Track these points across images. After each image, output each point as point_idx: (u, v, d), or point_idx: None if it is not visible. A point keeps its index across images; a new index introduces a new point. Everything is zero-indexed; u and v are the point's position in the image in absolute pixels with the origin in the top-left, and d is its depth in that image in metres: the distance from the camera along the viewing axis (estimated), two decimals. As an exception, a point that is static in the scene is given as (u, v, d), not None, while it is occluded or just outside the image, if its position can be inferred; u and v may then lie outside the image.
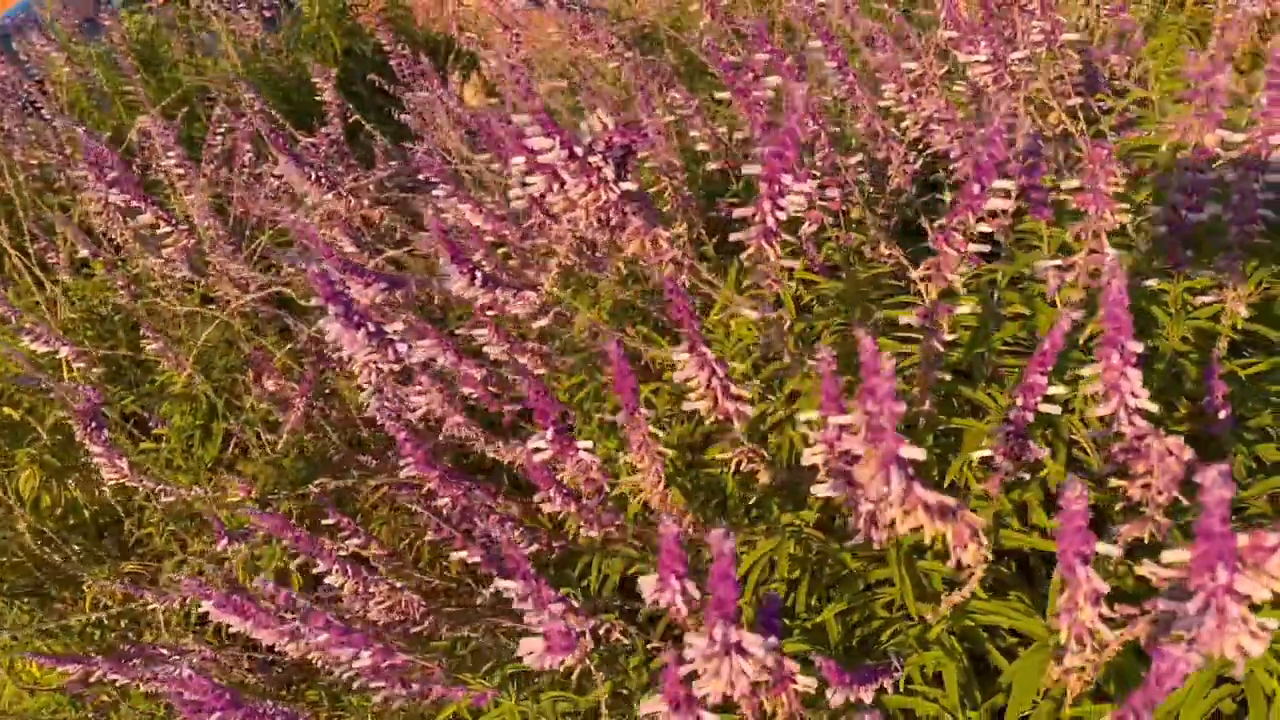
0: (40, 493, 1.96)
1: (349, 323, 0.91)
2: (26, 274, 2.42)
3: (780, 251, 0.87)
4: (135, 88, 2.66)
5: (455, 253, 1.01)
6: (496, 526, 1.25)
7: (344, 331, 0.90)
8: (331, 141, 2.23)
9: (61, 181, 2.48)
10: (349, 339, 0.91)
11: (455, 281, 1.03)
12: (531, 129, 0.95)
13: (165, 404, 2.08)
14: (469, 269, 1.03)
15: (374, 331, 0.92)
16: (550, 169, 1.01)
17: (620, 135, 0.97)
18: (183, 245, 1.34)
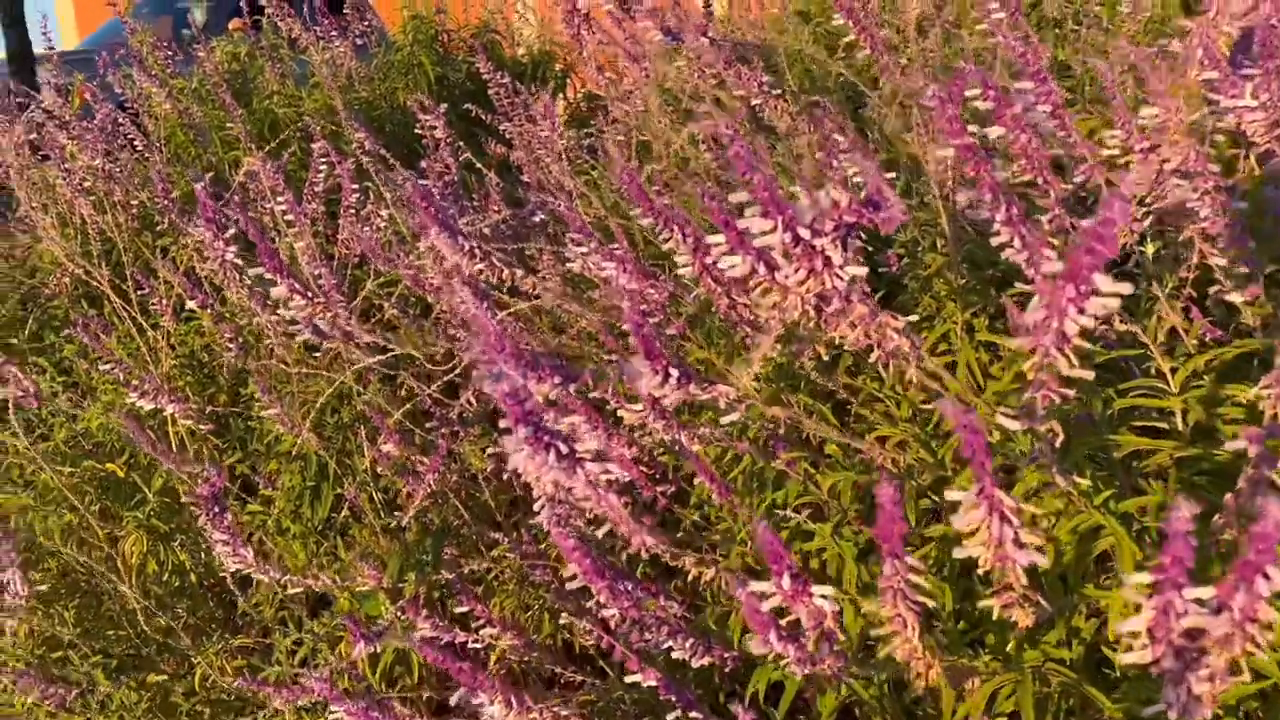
0: (146, 558, 1.86)
1: (539, 445, 0.76)
2: (127, 318, 2.34)
3: (1074, 360, 0.71)
4: (238, 123, 2.59)
5: (650, 348, 0.87)
6: (673, 640, 1.10)
7: (533, 457, 0.76)
8: (446, 184, 2.12)
9: (163, 223, 2.41)
10: (538, 464, 0.77)
11: (645, 379, 0.88)
12: (752, 210, 0.80)
13: (272, 462, 1.97)
14: (663, 365, 0.88)
15: (565, 453, 0.78)
16: (758, 251, 0.86)
17: (853, 213, 0.82)
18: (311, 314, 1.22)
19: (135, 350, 2.34)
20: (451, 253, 1.17)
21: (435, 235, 1.16)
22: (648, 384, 0.88)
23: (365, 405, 1.81)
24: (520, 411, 0.75)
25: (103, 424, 2.20)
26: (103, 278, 2.23)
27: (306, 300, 1.16)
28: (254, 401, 2.19)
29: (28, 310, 2.53)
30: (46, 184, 2.59)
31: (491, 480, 1.71)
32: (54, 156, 2.20)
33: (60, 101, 2.51)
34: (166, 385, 1.97)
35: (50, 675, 1.66)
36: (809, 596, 0.77)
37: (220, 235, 1.47)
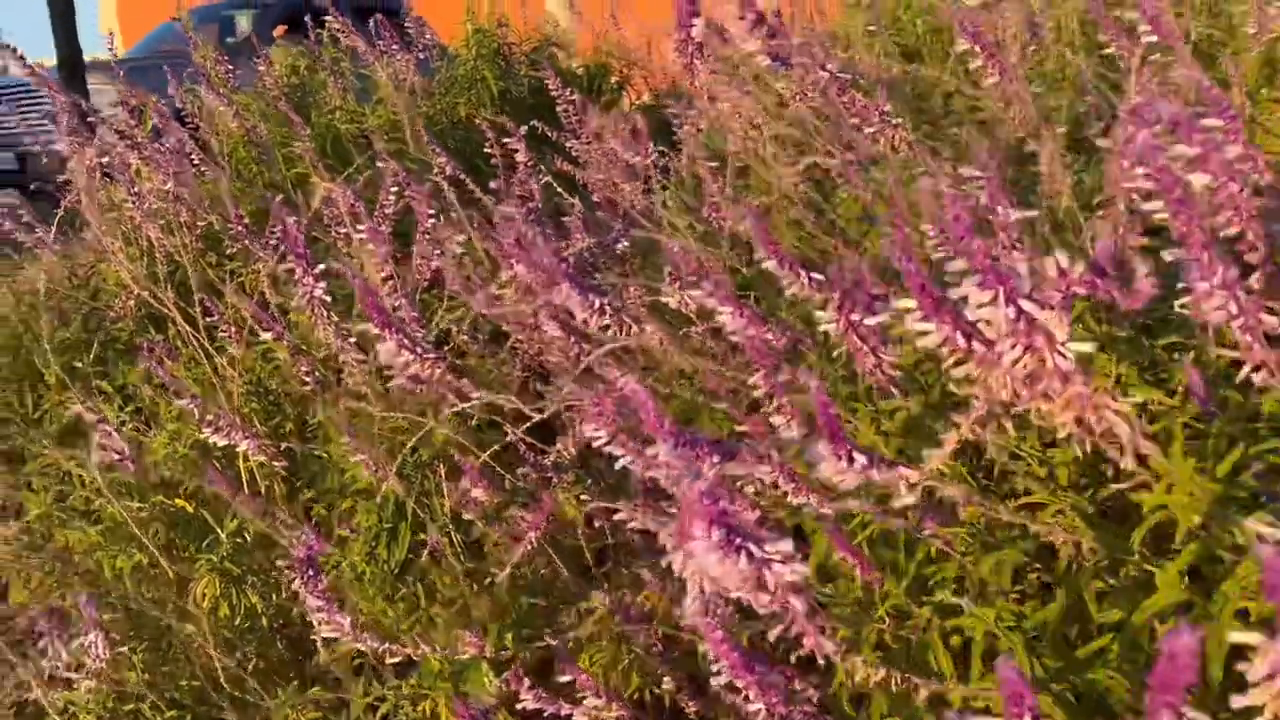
0: (219, 601, 1.78)
1: (730, 548, 0.66)
2: (193, 343, 2.27)
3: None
4: (304, 142, 2.51)
5: (834, 431, 0.76)
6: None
7: (723, 561, 0.66)
8: (530, 210, 2.03)
9: (233, 247, 2.34)
10: (728, 567, 0.67)
11: (827, 464, 0.78)
12: (969, 280, 0.70)
13: (346, 500, 1.88)
14: (846, 450, 0.78)
15: (758, 556, 0.68)
16: (955, 319, 0.75)
17: (1085, 284, 0.71)
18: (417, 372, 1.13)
19: (201, 376, 2.27)
20: (581, 310, 1.07)
21: (565, 293, 1.06)
22: (831, 469, 0.78)
23: (449, 445, 1.72)
24: (715, 512, 0.65)
25: (169, 454, 2.13)
26: (169, 301, 2.16)
27: (415, 357, 1.07)
28: (320, 429, 2.11)
29: (91, 333, 2.47)
30: (112, 204, 2.54)
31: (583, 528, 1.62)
32: (122, 178, 2.14)
33: (133, 122, 2.46)
34: (239, 418, 1.90)
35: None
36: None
37: (310, 270, 1.39)
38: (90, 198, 2.06)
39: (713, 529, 0.65)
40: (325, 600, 1.17)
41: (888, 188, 1.38)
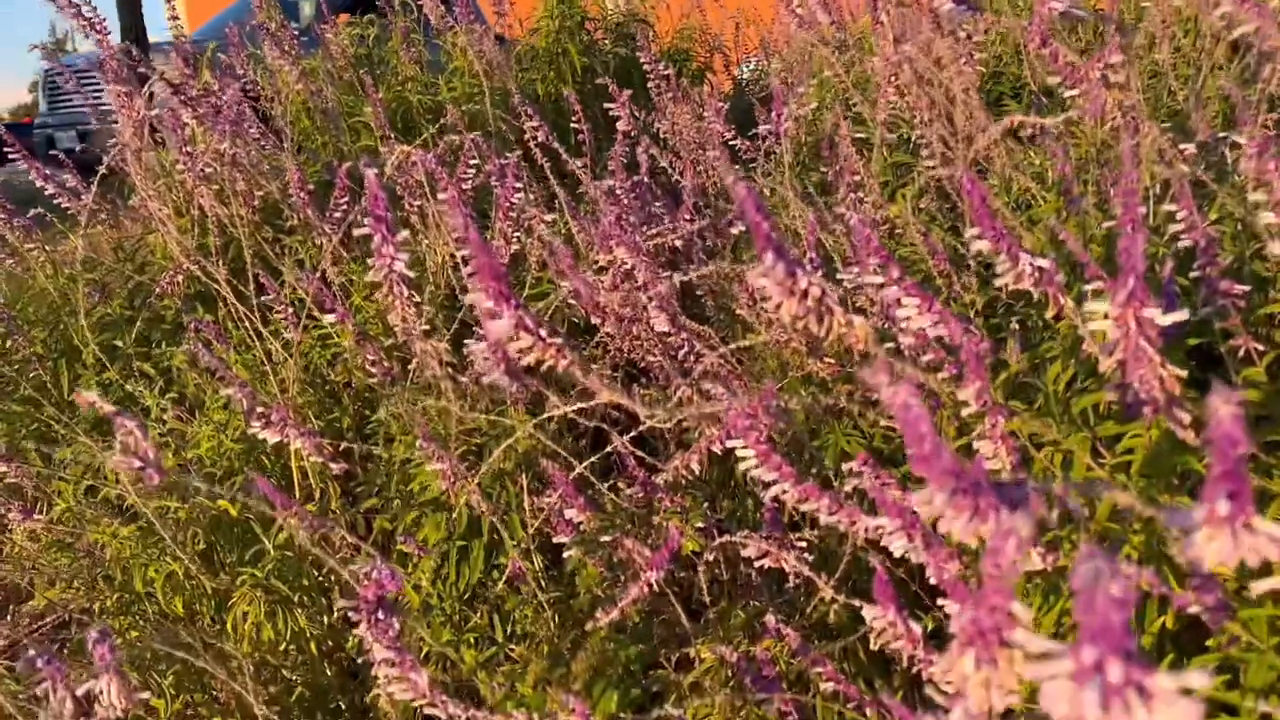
0: (262, 623, 1.53)
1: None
2: (244, 325, 2.03)
3: None
4: (376, 108, 2.27)
5: (1239, 487, 0.49)
6: None
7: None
8: (633, 185, 1.77)
9: (293, 219, 2.10)
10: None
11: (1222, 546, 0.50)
12: None
13: (411, 512, 1.63)
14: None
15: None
16: None
17: None
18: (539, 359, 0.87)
19: (252, 362, 2.03)
20: (780, 290, 0.79)
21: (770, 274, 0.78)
22: (1220, 551, 0.50)
23: (535, 452, 1.46)
24: (1119, 636, 0.37)
25: (212, 448, 1.90)
26: (220, 276, 1.92)
27: (537, 340, 0.80)
28: (381, 427, 1.87)
29: (135, 309, 2.25)
30: (163, 169, 2.31)
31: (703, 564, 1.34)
32: (175, 138, 1.91)
33: (187, 73, 2.23)
34: (292, 412, 1.65)
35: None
36: None
37: (390, 238, 1.13)
38: (137, 159, 1.83)
39: (1111, 662, 0.38)
40: (398, 652, 0.91)
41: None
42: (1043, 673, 0.44)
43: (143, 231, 2.45)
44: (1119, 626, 0.38)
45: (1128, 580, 0.37)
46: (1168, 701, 0.43)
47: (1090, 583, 0.37)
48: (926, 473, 0.53)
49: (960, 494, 0.55)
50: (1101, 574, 0.37)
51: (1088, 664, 0.39)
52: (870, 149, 2.17)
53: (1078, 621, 0.39)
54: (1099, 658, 0.38)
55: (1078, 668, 0.39)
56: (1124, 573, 0.37)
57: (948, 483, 0.54)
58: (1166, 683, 0.43)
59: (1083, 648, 0.39)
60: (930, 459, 0.53)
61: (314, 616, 1.62)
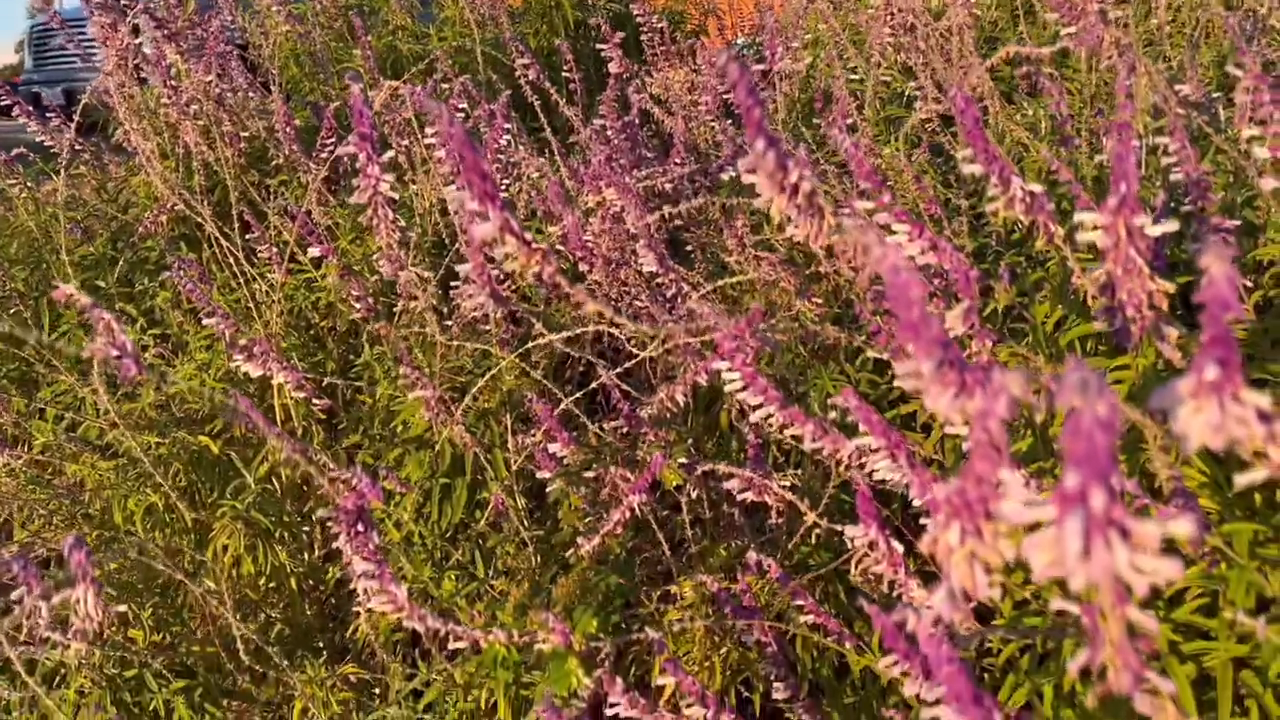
0: (241, 557, 1.52)
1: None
2: (228, 266, 2.01)
3: None
4: (365, 51, 2.24)
5: (1229, 356, 0.48)
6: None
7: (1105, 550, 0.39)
8: (624, 127, 1.75)
9: (279, 158, 2.07)
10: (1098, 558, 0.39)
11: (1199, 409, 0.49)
12: None
13: (395, 449, 1.62)
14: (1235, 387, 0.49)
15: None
16: None
17: None
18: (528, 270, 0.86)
19: (237, 303, 2.02)
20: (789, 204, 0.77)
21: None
22: (1208, 420, 0.50)
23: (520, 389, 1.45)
24: (1105, 462, 0.37)
25: (194, 387, 1.88)
26: (205, 215, 1.90)
27: (522, 246, 0.79)
28: (367, 370, 1.86)
29: (118, 250, 2.22)
30: (148, 109, 2.28)
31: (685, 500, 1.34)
32: (158, 72, 1.88)
33: (172, 3, 2.19)
34: (276, 350, 1.64)
35: (121, 700, 1.33)
36: None
37: (375, 157, 1.12)
38: (121, 92, 1.80)
39: (1094, 489, 0.37)
40: (377, 563, 0.90)
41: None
42: (1025, 519, 0.44)
43: (127, 173, 2.42)
44: (1104, 450, 0.37)
45: (1114, 403, 0.37)
46: (1149, 547, 0.42)
47: (1077, 392, 0.36)
48: (914, 341, 0.53)
49: (947, 366, 0.55)
50: (1088, 385, 0.36)
51: (1072, 490, 0.38)
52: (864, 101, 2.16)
53: (1063, 447, 0.38)
54: (1082, 484, 0.38)
55: (1061, 496, 0.38)
56: (1111, 396, 0.37)
57: (935, 352, 0.53)
58: (1150, 529, 0.42)
59: (1067, 473, 0.38)
60: (919, 326, 0.52)
61: (295, 554, 1.62)
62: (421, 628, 0.92)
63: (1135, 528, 0.42)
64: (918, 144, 1.96)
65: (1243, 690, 0.90)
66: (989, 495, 0.52)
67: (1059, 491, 0.38)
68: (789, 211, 0.73)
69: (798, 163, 0.69)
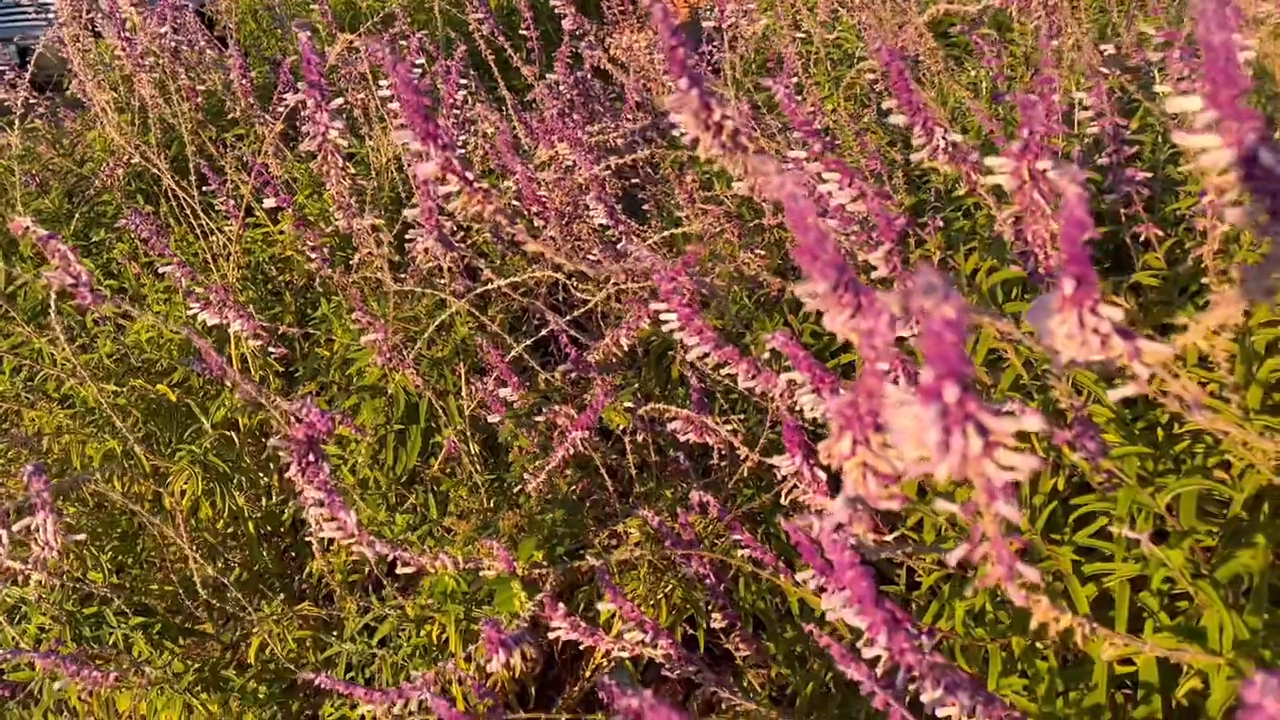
0: (199, 501, 1.56)
1: (957, 420, 0.44)
2: (187, 219, 2.02)
3: None
4: (323, 6, 2.25)
5: (1085, 274, 0.53)
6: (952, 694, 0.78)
7: (946, 435, 0.44)
8: (576, 82, 1.78)
9: (235, 112, 2.08)
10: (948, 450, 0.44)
11: (1063, 321, 0.55)
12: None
13: (351, 398, 1.66)
14: (1092, 303, 0.55)
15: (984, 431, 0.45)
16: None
17: None
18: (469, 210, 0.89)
19: (195, 256, 2.03)
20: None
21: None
22: (1066, 329, 0.55)
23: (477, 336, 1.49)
24: (955, 358, 0.42)
25: (153, 338, 1.90)
26: (162, 168, 1.91)
27: (464, 184, 0.83)
28: (324, 324, 1.88)
29: (74, 204, 2.23)
30: (103, 63, 2.27)
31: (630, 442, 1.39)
32: (113, 24, 1.88)
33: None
34: (232, 299, 1.66)
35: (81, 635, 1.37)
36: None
37: (324, 104, 1.14)
38: (76, 44, 1.80)
39: (946, 383, 0.43)
40: (326, 492, 0.95)
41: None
42: (897, 415, 0.49)
43: (82, 127, 2.41)
44: (953, 347, 0.42)
45: (961, 306, 0.42)
46: (1006, 440, 0.48)
47: (925, 296, 0.41)
48: (811, 265, 0.57)
49: (843, 289, 0.59)
50: (935, 289, 0.41)
51: (928, 385, 0.43)
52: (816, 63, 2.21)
53: (920, 349, 0.44)
54: (937, 379, 0.43)
55: (921, 391, 0.43)
56: (958, 299, 0.42)
57: (831, 275, 0.58)
58: (1005, 423, 0.48)
59: (923, 371, 0.43)
60: (815, 249, 0.57)
61: (253, 499, 1.65)
62: (370, 554, 0.97)
63: (991, 421, 0.47)
64: (868, 104, 2.00)
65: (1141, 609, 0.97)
66: (876, 407, 0.57)
67: (919, 388, 0.44)
68: (714, 149, 0.77)
69: (721, 102, 0.73)
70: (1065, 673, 0.95)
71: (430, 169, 0.82)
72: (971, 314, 0.75)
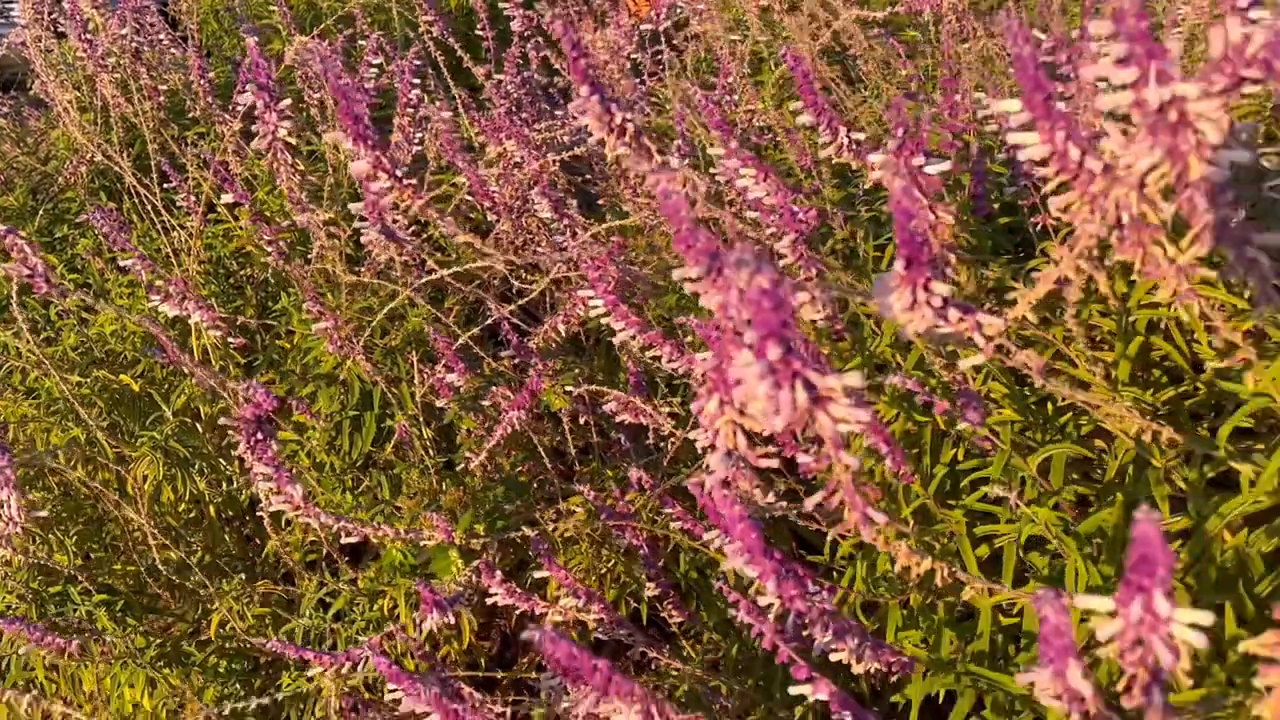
0: (161, 485, 1.62)
1: (786, 374, 0.52)
2: (149, 215, 2.08)
3: None
4: (282, 8, 2.31)
5: (915, 254, 0.61)
6: (839, 640, 0.87)
7: (776, 388, 0.52)
8: (523, 81, 1.85)
9: (195, 111, 2.14)
10: (779, 401, 0.52)
11: (899, 297, 0.63)
12: (1117, 44, 0.55)
13: (308, 386, 1.72)
14: (924, 280, 0.63)
15: (813, 388, 0.53)
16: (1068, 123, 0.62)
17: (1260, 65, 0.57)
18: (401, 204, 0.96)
19: (157, 252, 2.09)
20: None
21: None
22: (901, 304, 0.63)
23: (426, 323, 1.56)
24: (775, 322, 0.50)
25: (116, 331, 1.96)
26: (124, 165, 1.97)
27: (393, 181, 0.90)
28: (284, 317, 1.95)
29: (38, 200, 2.28)
30: (66, 64, 2.32)
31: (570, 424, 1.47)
32: (74, 25, 1.93)
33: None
34: (192, 291, 1.73)
35: (46, 613, 1.43)
36: (1170, 624, 0.52)
37: (273, 105, 1.21)
38: (38, 45, 1.85)
39: (769, 344, 0.51)
40: (274, 467, 1.02)
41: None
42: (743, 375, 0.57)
43: (46, 126, 2.46)
44: (771, 311, 0.50)
45: (777, 272, 0.50)
46: (835, 397, 0.56)
47: (737, 269, 0.49)
48: (686, 251, 0.65)
49: (715, 273, 0.67)
50: (746, 263, 0.49)
51: (754, 345, 0.51)
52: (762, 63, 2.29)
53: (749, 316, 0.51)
54: (760, 340, 0.51)
55: (750, 350, 0.51)
56: (773, 269, 0.49)
57: (703, 260, 0.66)
58: (831, 380, 0.56)
59: (747, 333, 0.51)
60: (688, 239, 0.64)
61: (214, 484, 1.72)
62: (316, 524, 1.04)
63: (817, 378, 0.55)
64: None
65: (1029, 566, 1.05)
66: (731, 370, 0.65)
67: (749, 347, 0.51)
68: (619, 149, 0.85)
69: (622, 105, 0.81)
70: (958, 625, 1.04)
71: (362, 167, 0.90)
72: (831, 290, 0.84)
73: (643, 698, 0.76)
